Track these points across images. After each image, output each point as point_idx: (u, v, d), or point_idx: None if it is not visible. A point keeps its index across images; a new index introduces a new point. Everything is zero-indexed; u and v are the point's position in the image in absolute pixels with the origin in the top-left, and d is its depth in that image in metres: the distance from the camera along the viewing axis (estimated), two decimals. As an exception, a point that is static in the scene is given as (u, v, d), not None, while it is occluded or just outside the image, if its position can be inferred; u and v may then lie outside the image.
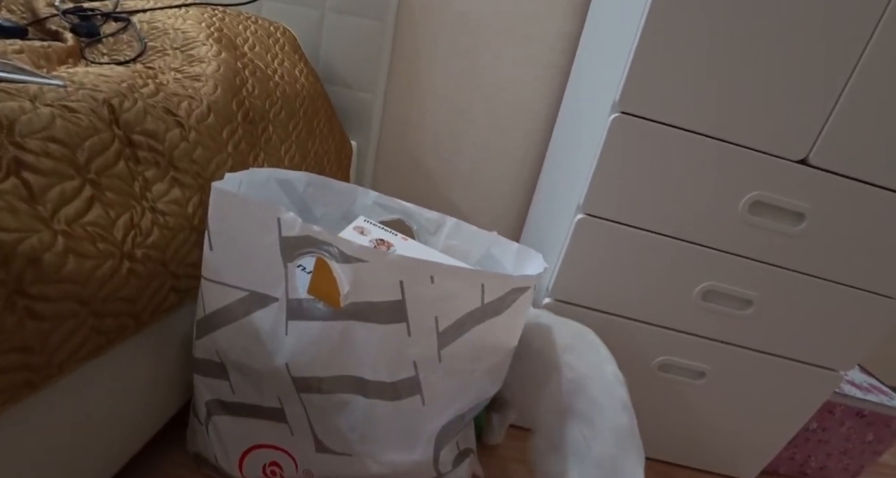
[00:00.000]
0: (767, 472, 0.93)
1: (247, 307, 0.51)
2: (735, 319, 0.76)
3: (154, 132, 0.52)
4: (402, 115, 1.20)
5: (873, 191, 0.67)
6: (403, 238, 0.62)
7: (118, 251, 0.44)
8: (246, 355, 0.52)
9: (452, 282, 0.47)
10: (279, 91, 0.81)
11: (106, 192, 0.45)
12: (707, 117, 0.65)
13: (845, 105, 0.63)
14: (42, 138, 0.40)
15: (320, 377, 0.51)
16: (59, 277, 0.39)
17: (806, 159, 0.67)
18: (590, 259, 0.74)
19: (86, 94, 0.46)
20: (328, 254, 0.46)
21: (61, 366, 0.41)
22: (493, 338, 0.52)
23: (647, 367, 0.81)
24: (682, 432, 0.87)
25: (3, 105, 0.38)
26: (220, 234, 0.50)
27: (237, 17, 0.88)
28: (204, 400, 0.58)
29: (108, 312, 0.44)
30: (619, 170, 0.69)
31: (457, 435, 0.57)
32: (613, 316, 0.78)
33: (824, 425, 0.90)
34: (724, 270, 0.73)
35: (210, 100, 0.62)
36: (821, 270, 0.72)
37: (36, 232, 0.38)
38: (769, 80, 0.63)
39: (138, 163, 0.50)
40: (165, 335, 0.55)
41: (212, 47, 0.71)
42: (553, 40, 1.09)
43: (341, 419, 0.53)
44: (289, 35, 0.98)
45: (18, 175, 0.38)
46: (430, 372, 0.51)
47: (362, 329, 0.48)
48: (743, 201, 0.69)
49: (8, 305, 0.36)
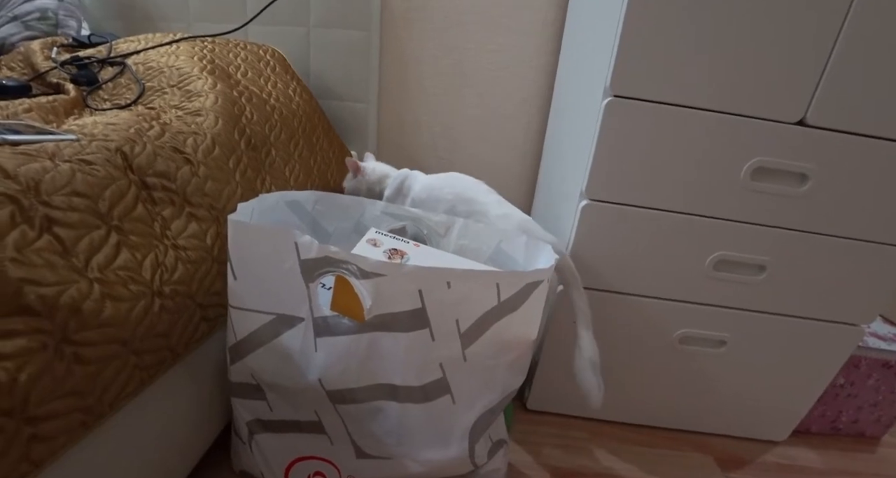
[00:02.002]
0: (799, 431, 0.94)
1: (275, 330, 0.53)
2: (750, 286, 0.77)
3: (166, 172, 0.54)
4: (397, 119, 1.22)
5: (874, 143, 0.67)
6: (416, 245, 0.64)
7: (149, 290, 0.47)
8: (280, 375, 0.55)
9: (468, 285, 0.49)
10: (276, 113, 0.82)
11: (130, 235, 0.48)
12: (699, 90, 0.65)
13: (837, 61, 0.63)
14: (66, 194, 0.42)
15: (353, 388, 0.53)
16: (99, 321, 0.41)
17: (803, 120, 0.67)
18: (599, 243, 0.76)
19: (99, 146, 0.49)
20: (347, 271, 0.48)
21: (111, 404, 0.44)
22: (513, 333, 0.54)
23: (669, 341, 0.82)
24: (710, 401, 0.88)
25: (26, 167, 0.41)
26: (241, 263, 0.52)
27: (226, 45, 0.90)
28: (244, 421, 0.60)
29: (146, 348, 0.47)
30: (617, 153, 0.70)
31: (488, 428, 0.59)
32: (629, 295, 0.79)
33: (851, 379, 0.90)
34: (733, 238, 0.74)
35: (213, 132, 0.64)
36: (830, 228, 0.72)
37: (73, 283, 0.40)
38: (757, 46, 0.63)
39: (155, 204, 0.52)
40: (201, 363, 0.58)
41: (207, 80, 0.73)
42: (539, 29, 1.10)
43: (377, 425, 0.55)
44: (278, 56, 1.00)
45: (50, 231, 0.40)
46: (456, 372, 0.53)
47: (387, 339, 0.50)
48: (745, 169, 0.69)
49: (57, 354, 0.38)
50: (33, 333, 0.36)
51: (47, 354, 0.37)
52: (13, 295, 0.35)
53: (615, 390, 0.88)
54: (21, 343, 0.35)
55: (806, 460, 0.89)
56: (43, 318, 0.37)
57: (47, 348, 0.37)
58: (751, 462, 0.87)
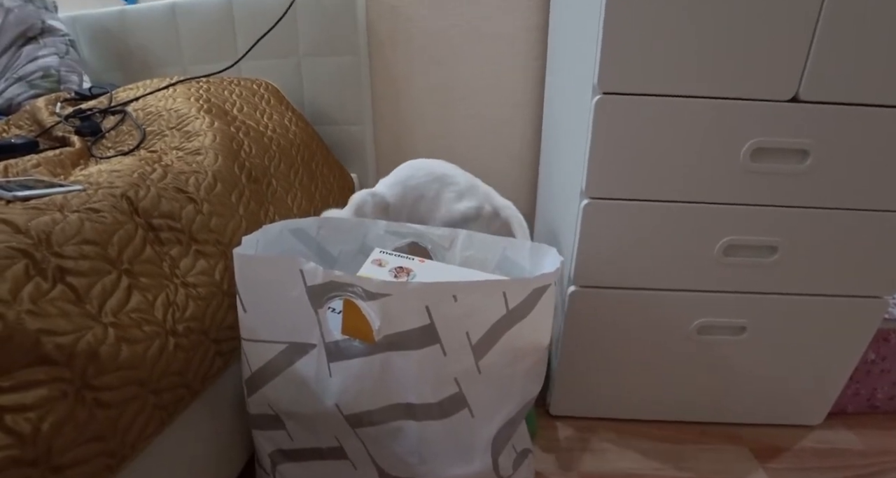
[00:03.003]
0: (835, 413, 0.91)
1: (289, 358, 0.54)
2: (763, 268, 0.76)
3: (171, 212, 0.56)
4: (393, 138, 1.23)
5: (870, 112, 0.66)
6: (421, 261, 0.64)
7: (162, 330, 0.48)
8: (297, 403, 0.55)
9: (475, 296, 0.49)
10: (274, 144, 0.84)
11: (140, 278, 0.49)
12: (688, 79, 0.65)
13: (822, 34, 0.62)
14: (76, 243, 0.44)
15: (370, 410, 0.53)
16: (116, 365, 0.42)
17: (796, 97, 0.66)
18: (605, 241, 0.75)
19: (105, 193, 0.50)
20: (354, 294, 0.49)
21: (133, 446, 0.44)
22: (525, 340, 0.54)
23: (687, 333, 0.81)
24: (737, 390, 0.86)
25: (37, 221, 0.42)
26: (249, 295, 0.53)
27: (221, 83, 0.92)
28: (266, 452, 0.61)
29: (164, 388, 0.48)
30: (613, 149, 0.70)
31: (511, 439, 0.58)
32: (641, 290, 0.78)
33: (883, 354, 0.87)
34: (740, 222, 0.73)
35: (214, 169, 0.66)
36: (837, 202, 0.71)
37: (89, 329, 0.41)
38: (740, 27, 0.62)
39: (162, 244, 0.53)
40: (219, 398, 0.59)
41: (204, 119, 0.75)
42: (523, 34, 1.11)
43: (398, 446, 0.55)
44: (272, 88, 1.03)
45: (63, 281, 0.42)
46: (472, 385, 0.53)
47: (400, 358, 0.50)
48: (743, 151, 0.68)
49: (78, 401, 0.39)
50: (53, 381, 0.37)
51: (68, 402, 0.38)
52: (32, 346, 0.36)
53: (638, 387, 0.86)
54: (42, 393, 0.36)
55: (845, 442, 0.86)
56: (62, 366, 0.38)
57: (68, 396, 0.38)
58: (788, 450, 0.84)
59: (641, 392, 0.87)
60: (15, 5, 1.02)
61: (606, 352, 0.84)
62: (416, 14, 1.11)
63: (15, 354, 0.35)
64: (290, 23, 1.06)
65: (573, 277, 0.78)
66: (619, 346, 0.83)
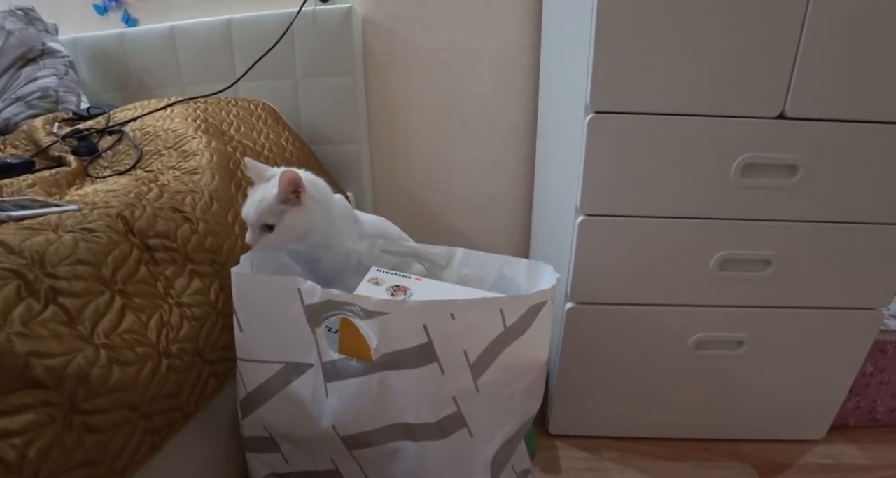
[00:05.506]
0: (837, 426, 0.90)
1: (285, 378, 0.53)
2: (758, 282, 0.76)
3: (166, 232, 0.55)
4: (390, 157, 1.24)
5: (855, 127, 0.67)
6: (417, 279, 0.64)
7: (155, 351, 0.47)
8: (293, 425, 0.54)
9: (472, 314, 0.49)
10: (271, 164, 0.84)
11: (134, 298, 0.48)
12: (678, 97, 0.67)
13: (806, 51, 0.64)
14: (70, 263, 0.43)
15: (368, 431, 0.52)
16: (107, 387, 0.42)
17: (783, 113, 0.68)
18: (601, 257, 0.75)
19: (100, 213, 0.50)
20: (351, 313, 0.48)
21: (123, 471, 0.43)
22: (523, 357, 0.53)
23: (685, 348, 0.80)
24: (736, 405, 0.85)
25: (31, 241, 0.42)
26: (247, 315, 0.52)
27: (218, 103, 0.93)
28: (260, 476, 0.59)
29: (156, 411, 0.47)
30: (607, 167, 0.70)
31: (510, 459, 0.57)
32: (638, 306, 0.78)
33: (881, 365, 0.87)
34: (733, 237, 0.74)
35: (210, 189, 0.66)
36: (827, 215, 0.72)
37: (80, 351, 0.40)
38: (727, 47, 0.64)
39: (157, 264, 0.53)
40: (212, 421, 0.57)
41: (202, 139, 0.76)
42: (517, 56, 1.13)
43: (395, 468, 0.54)
44: (268, 108, 1.04)
45: (56, 302, 0.41)
46: (470, 404, 0.52)
47: (397, 377, 0.50)
48: (734, 167, 0.70)
49: (66, 425, 0.38)
50: (41, 406, 0.36)
51: (56, 427, 0.37)
52: (21, 369, 0.36)
53: (638, 404, 0.85)
54: (29, 418, 0.35)
55: (849, 457, 0.85)
56: (51, 389, 0.37)
57: (56, 421, 0.37)
58: (791, 465, 0.83)
59: (642, 409, 0.86)
60: (16, 28, 1.04)
61: (605, 369, 0.83)
62: (412, 36, 1.13)
63: (3, 378, 0.34)
64: (287, 44, 1.07)
65: (570, 293, 0.78)
66: (618, 362, 0.82)
